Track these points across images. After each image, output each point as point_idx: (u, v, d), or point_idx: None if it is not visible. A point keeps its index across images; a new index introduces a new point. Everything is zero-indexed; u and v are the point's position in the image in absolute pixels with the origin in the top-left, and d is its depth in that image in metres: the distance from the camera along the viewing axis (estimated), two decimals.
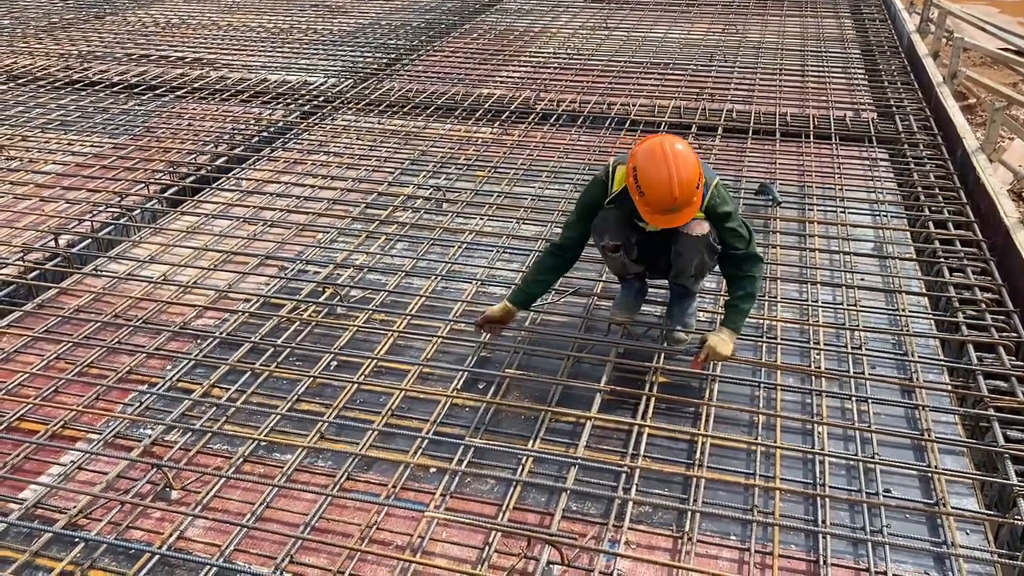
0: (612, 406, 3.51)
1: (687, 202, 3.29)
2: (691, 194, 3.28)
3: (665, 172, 3.23)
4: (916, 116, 6.70)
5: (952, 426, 3.46)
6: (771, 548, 2.84)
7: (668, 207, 3.29)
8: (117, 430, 3.37)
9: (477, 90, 7.42)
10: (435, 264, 4.61)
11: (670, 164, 3.23)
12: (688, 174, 3.24)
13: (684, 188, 3.24)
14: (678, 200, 3.26)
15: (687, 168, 3.24)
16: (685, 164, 3.24)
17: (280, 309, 4.17)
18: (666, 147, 3.28)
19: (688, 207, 3.31)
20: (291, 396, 3.54)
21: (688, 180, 3.24)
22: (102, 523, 2.92)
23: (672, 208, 3.29)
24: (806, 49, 8.85)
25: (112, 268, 4.65)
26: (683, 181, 3.23)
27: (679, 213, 3.32)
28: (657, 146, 3.30)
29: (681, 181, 3.23)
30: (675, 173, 3.22)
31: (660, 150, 3.27)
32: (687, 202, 3.29)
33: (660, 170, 3.24)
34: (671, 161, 3.23)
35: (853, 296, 4.30)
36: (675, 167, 3.22)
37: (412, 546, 2.84)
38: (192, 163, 5.94)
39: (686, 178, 3.24)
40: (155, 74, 7.91)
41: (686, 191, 3.25)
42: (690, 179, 3.25)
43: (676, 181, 3.22)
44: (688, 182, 3.24)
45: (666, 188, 3.23)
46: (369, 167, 5.86)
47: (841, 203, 5.30)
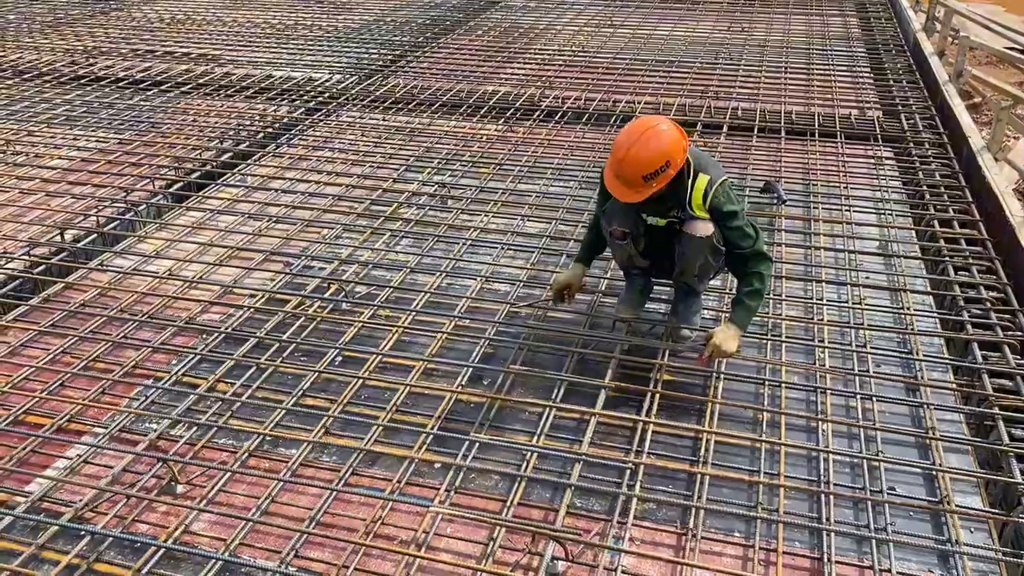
0: (617, 403, 3.51)
1: (631, 177, 3.31)
2: (633, 174, 3.29)
3: (630, 139, 3.30)
4: (922, 115, 6.69)
5: (957, 424, 3.46)
6: (775, 545, 2.84)
7: (615, 170, 3.35)
8: (123, 424, 3.38)
9: (482, 87, 7.42)
10: (440, 261, 4.61)
11: (641, 136, 3.28)
12: (645, 154, 3.26)
13: (632, 161, 3.27)
14: (621, 171, 3.32)
15: (649, 150, 3.26)
16: (652, 145, 3.27)
17: (285, 305, 4.18)
18: (653, 124, 3.33)
19: (634, 186, 3.32)
20: (296, 391, 3.55)
21: (638, 161, 3.27)
22: (108, 517, 2.93)
23: (617, 175, 3.35)
24: (811, 47, 8.83)
25: (118, 263, 4.66)
26: (636, 155, 3.27)
27: (625, 187, 3.35)
28: (651, 120, 3.37)
29: (635, 154, 3.27)
30: (636, 145, 3.27)
31: (647, 123, 3.35)
32: (631, 177, 3.31)
33: (629, 135, 3.32)
34: (644, 135, 3.28)
35: (858, 294, 4.29)
36: (642, 140, 3.27)
37: (417, 541, 2.84)
38: (197, 159, 5.95)
39: (641, 155, 3.26)
40: (160, 70, 7.91)
41: (633, 165, 3.28)
42: (642, 161, 3.27)
43: (628, 155, 3.28)
44: (637, 162, 3.27)
45: (620, 150, 3.31)
46: (374, 163, 5.87)
47: (846, 201, 5.30)
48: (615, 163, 3.35)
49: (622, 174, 3.33)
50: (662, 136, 3.29)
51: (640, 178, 3.29)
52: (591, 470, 3.17)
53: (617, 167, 3.34)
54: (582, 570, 2.76)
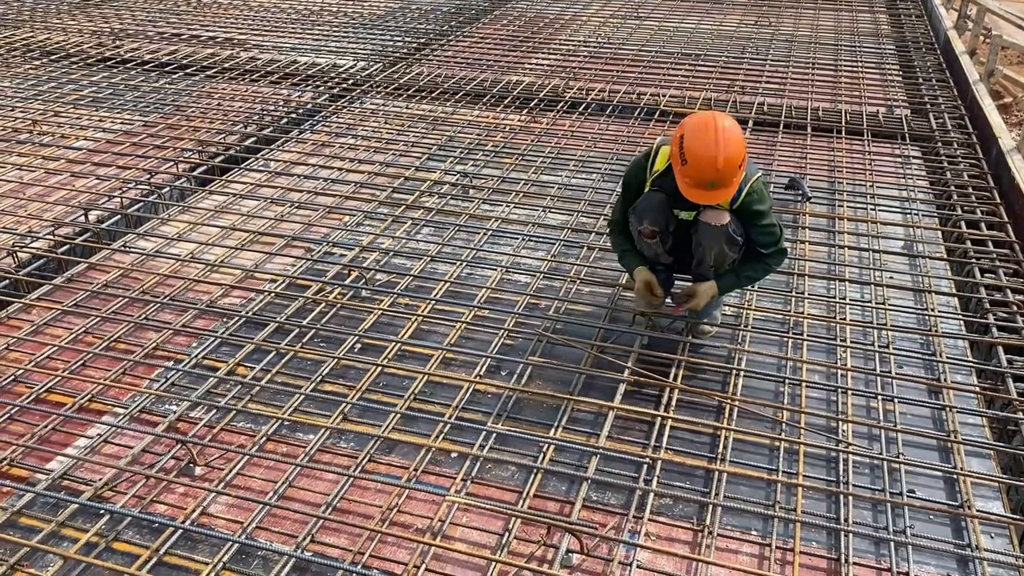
0: (635, 397, 3.50)
1: (727, 179, 3.27)
2: (733, 172, 3.26)
3: (712, 144, 3.20)
4: (951, 114, 6.60)
5: (979, 428, 3.42)
6: (792, 544, 2.82)
7: (709, 179, 3.25)
8: (143, 405, 3.41)
9: (506, 77, 7.40)
10: (460, 250, 4.61)
11: (719, 137, 3.21)
12: (734, 151, 3.22)
13: (728, 164, 3.22)
14: (720, 173, 3.23)
15: (734, 145, 3.23)
16: (732, 141, 3.23)
17: (306, 290, 4.19)
18: (717, 121, 3.26)
19: (727, 186, 3.29)
20: (315, 377, 3.56)
21: (733, 157, 3.22)
22: (127, 496, 2.96)
23: (712, 183, 3.26)
24: (840, 43, 8.73)
25: (140, 245, 4.69)
26: (728, 157, 3.21)
27: (718, 190, 3.29)
28: (708, 118, 3.29)
29: (727, 156, 3.20)
30: (722, 147, 3.20)
31: (711, 123, 3.26)
32: (727, 179, 3.27)
33: (708, 142, 3.22)
34: (720, 135, 3.21)
35: (882, 294, 4.25)
36: (723, 141, 3.20)
37: (432, 529, 2.85)
38: (221, 143, 5.97)
39: (732, 154, 3.22)
40: (186, 53, 7.95)
41: (729, 167, 3.23)
42: (735, 156, 3.23)
43: (722, 155, 3.20)
44: (732, 159, 3.22)
45: (711, 160, 3.20)
46: (396, 151, 5.86)
47: (872, 200, 5.24)
48: (710, 172, 3.22)
49: (724, 172, 3.23)
50: (725, 125, 3.25)
51: (736, 169, 3.26)
52: (608, 464, 3.16)
53: (715, 172, 3.22)
54: (597, 563, 2.75)
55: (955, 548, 2.85)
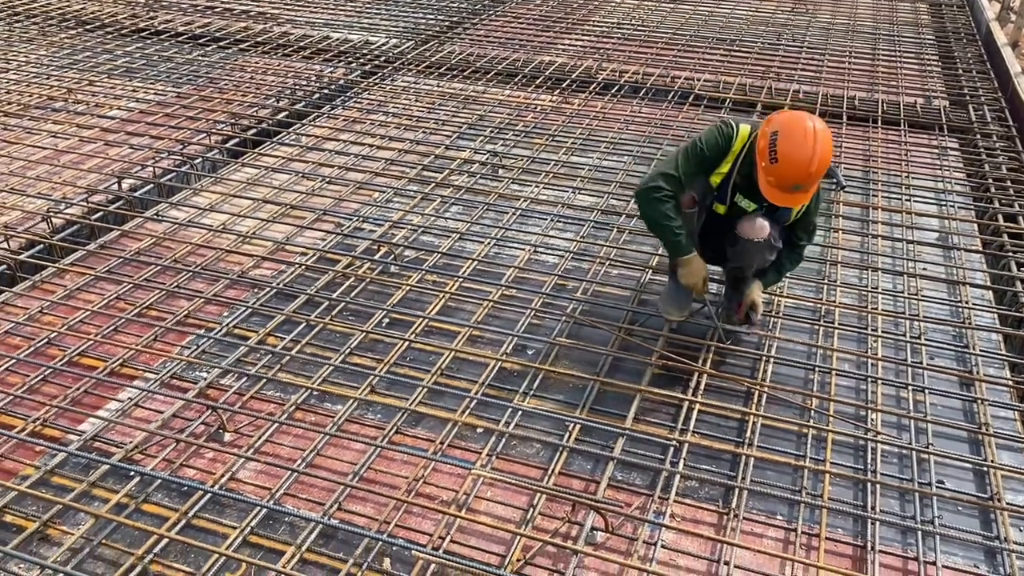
0: (662, 380, 3.48)
1: (813, 184, 3.16)
2: (818, 179, 3.15)
3: (809, 148, 3.06)
4: (990, 106, 6.48)
5: (1011, 422, 3.38)
6: (818, 530, 2.81)
7: (797, 183, 3.12)
8: (173, 371, 3.44)
9: (538, 57, 7.36)
10: (489, 229, 4.60)
11: (816, 142, 3.07)
12: (827, 159, 3.12)
13: (820, 169, 3.10)
14: (811, 178, 3.10)
15: (827, 151, 3.11)
16: (827, 146, 3.10)
17: (336, 264, 4.20)
18: (814, 124, 3.11)
19: (809, 190, 3.19)
20: (344, 349, 3.58)
21: (826, 163, 3.12)
22: (157, 459, 2.99)
23: (798, 186, 3.13)
24: (878, 32, 8.60)
25: (173, 214, 4.72)
26: (822, 163, 3.09)
27: (799, 193, 3.17)
28: (804, 119, 3.13)
29: (821, 162, 3.08)
30: (818, 152, 3.07)
31: (808, 125, 3.10)
32: (813, 184, 3.16)
33: (804, 145, 3.06)
34: (817, 139, 3.07)
35: (915, 285, 4.20)
36: (820, 149, 3.07)
37: (457, 502, 2.86)
38: (253, 116, 5.99)
39: (825, 161, 3.10)
40: (219, 26, 7.97)
41: (820, 173, 3.12)
42: (826, 164, 3.13)
43: (817, 160, 3.07)
44: (824, 166, 3.12)
45: (806, 164, 3.06)
46: (427, 129, 5.86)
47: (907, 191, 5.17)
48: (801, 176, 3.09)
49: (815, 177, 3.12)
50: (820, 130, 3.11)
51: (820, 178, 3.16)
52: (634, 445, 3.15)
53: (807, 176, 3.09)
54: (621, 542, 2.75)
55: (983, 540, 2.82)
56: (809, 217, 3.46)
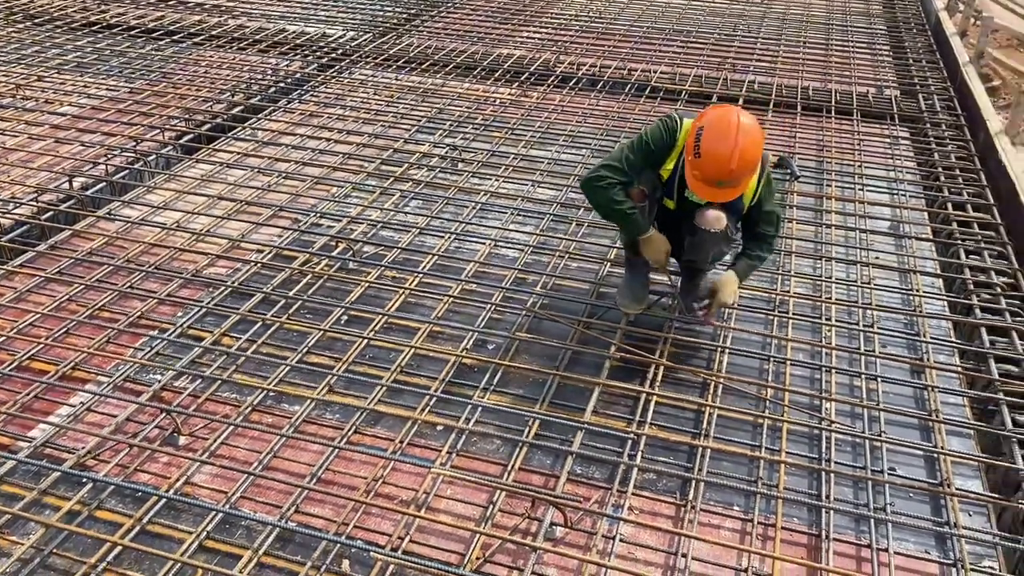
0: (620, 373, 3.51)
1: (738, 181, 3.17)
2: (744, 175, 3.17)
3: (730, 145, 3.07)
4: (940, 96, 6.60)
5: (960, 408, 3.46)
6: (774, 520, 2.85)
7: (719, 179, 3.14)
8: (127, 374, 3.39)
9: (497, 50, 7.33)
10: (448, 223, 4.59)
11: (738, 139, 3.08)
12: (750, 155, 3.12)
13: (741, 166, 3.11)
14: (732, 175, 3.12)
15: (751, 148, 3.12)
16: (750, 143, 3.11)
17: (292, 261, 4.16)
18: (739, 119, 3.13)
19: (736, 187, 3.21)
20: (301, 348, 3.55)
21: (748, 161, 3.12)
22: (110, 465, 2.95)
23: (721, 182, 3.16)
24: (831, 23, 8.70)
25: (125, 213, 4.64)
26: (743, 160, 3.10)
27: (726, 189, 3.20)
28: (731, 115, 3.15)
29: (741, 160, 3.09)
30: (739, 149, 3.08)
31: (733, 121, 3.12)
32: (738, 181, 3.17)
33: (725, 140, 3.08)
34: (739, 135, 3.08)
35: (867, 274, 4.27)
36: (742, 145, 3.08)
37: (417, 501, 2.86)
38: (208, 111, 5.91)
39: (747, 158, 3.11)
40: (173, 19, 7.83)
41: (742, 170, 3.13)
42: (750, 161, 3.14)
43: (737, 158, 3.08)
44: (747, 163, 3.12)
45: (725, 160, 3.08)
46: (385, 123, 5.82)
47: (859, 180, 5.25)
48: (722, 172, 3.11)
49: (736, 174, 3.13)
50: (753, 130, 3.14)
51: (749, 172, 3.18)
52: (593, 439, 3.17)
53: (727, 172, 3.11)
54: (580, 536, 2.77)
55: (934, 526, 2.88)
56: (765, 208, 3.46)
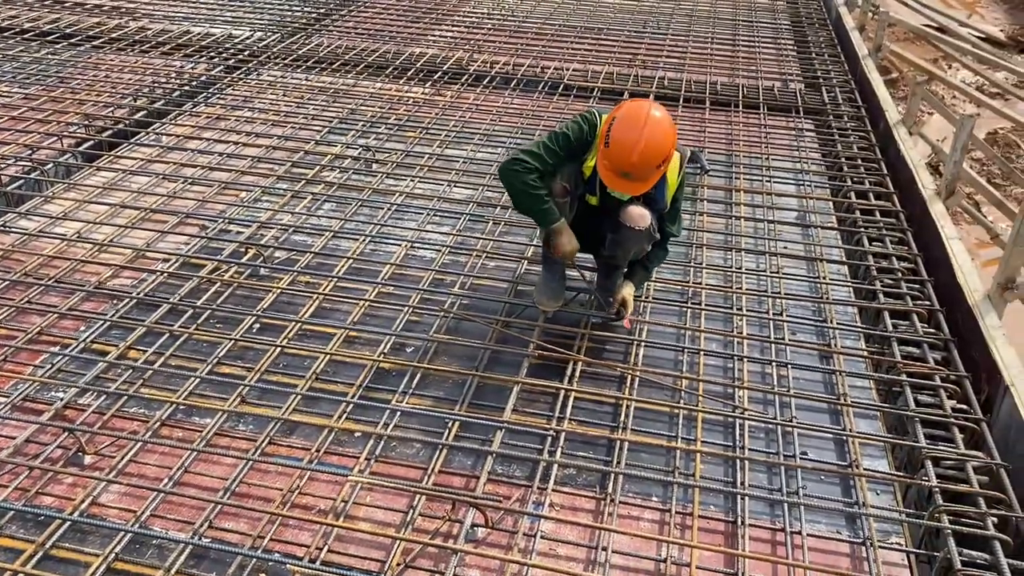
0: (540, 370, 3.52)
1: (642, 174, 3.23)
2: (649, 168, 3.22)
3: (636, 135, 3.15)
4: (842, 88, 6.82)
5: (867, 391, 3.58)
6: (691, 509, 2.90)
7: (624, 170, 3.22)
8: (26, 393, 3.24)
9: (409, 49, 7.27)
10: (363, 226, 4.53)
11: (644, 131, 3.16)
12: (655, 148, 3.18)
13: (643, 159, 3.17)
14: (634, 167, 3.19)
15: (657, 142, 3.18)
16: (657, 137, 3.18)
17: (200, 270, 4.05)
18: (650, 114, 3.21)
19: (643, 180, 3.26)
20: (211, 359, 3.45)
21: (651, 155, 3.18)
22: (9, 489, 2.82)
23: (626, 174, 3.22)
24: (738, 19, 8.91)
25: (22, 224, 4.44)
26: (646, 153, 3.16)
27: (633, 182, 3.26)
28: (643, 109, 3.23)
29: (645, 152, 3.16)
30: (644, 141, 3.15)
31: (643, 113, 3.21)
32: (642, 174, 3.23)
33: (632, 131, 3.16)
34: (646, 129, 3.16)
35: (776, 263, 4.38)
36: (647, 136, 3.15)
37: (335, 510, 2.81)
38: (109, 117, 5.69)
39: (651, 151, 3.17)
40: (70, 22, 7.53)
41: (645, 162, 3.18)
42: (654, 154, 3.19)
43: (640, 149, 3.15)
44: (650, 156, 3.18)
45: (629, 151, 3.16)
46: (296, 125, 5.71)
47: (767, 172, 5.38)
48: (625, 163, 3.18)
49: (637, 170, 3.19)
50: (656, 119, 3.19)
51: (654, 168, 3.23)
52: (513, 437, 3.17)
53: (629, 164, 3.17)
54: (502, 536, 2.77)
55: (844, 506, 2.98)
56: (676, 205, 3.55)
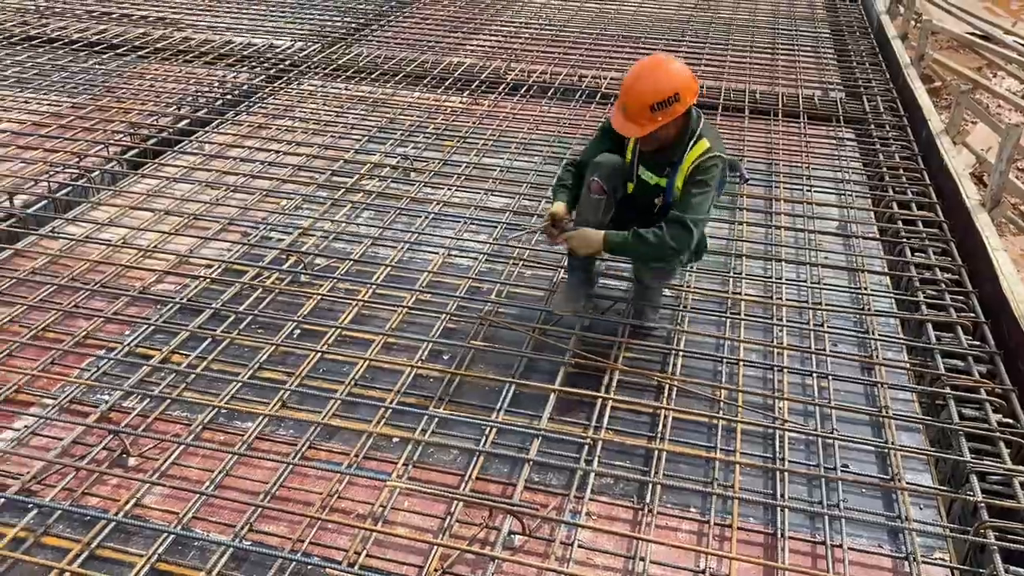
0: (576, 379, 3.51)
1: (634, 112, 3.24)
2: (641, 107, 3.21)
3: (639, 69, 3.26)
4: (883, 97, 6.74)
5: (909, 403, 3.52)
6: (730, 521, 2.87)
7: (621, 100, 3.28)
8: (73, 395, 3.31)
9: (447, 58, 7.33)
10: (401, 234, 4.56)
11: (647, 67, 3.25)
12: (651, 85, 3.20)
13: (638, 92, 3.21)
14: (626, 97, 3.24)
15: (655, 80, 3.21)
16: (658, 77, 3.21)
17: (243, 276, 4.11)
18: (662, 58, 3.31)
19: (635, 121, 3.26)
20: (253, 364, 3.50)
21: (646, 89, 3.20)
22: (56, 489, 2.87)
23: (623, 106, 3.27)
24: (777, 27, 8.85)
25: (70, 230, 4.54)
26: (641, 87, 3.21)
27: (627, 121, 3.28)
28: (660, 55, 3.35)
29: (640, 85, 3.21)
30: (643, 79, 3.22)
31: (658, 57, 3.31)
32: (634, 112, 3.24)
33: (638, 66, 3.28)
34: (650, 66, 3.25)
35: (817, 274, 4.34)
36: (648, 71, 3.22)
37: (374, 515, 2.83)
38: (154, 125, 5.81)
39: (646, 87, 3.20)
40: (116, 32, 7.69)
41: (637, 98, 3.21)
42: (649, 90, 3.20)
43: (634, 80, 3.23)
44: (645, 92, 3.20)
45: (628, 79, 3.27)
46: (336, 134, 5.78)
47: (807, 182, 5.33)
48: (622, 94, 3.27)
49: (629, 104, 3.22)
50: (672, 69, 3.24)
51: (647, 108, 3.21)
52: (550, 445, 3.17)
53: (624, 97, 3.24)
54: (539, 544, 2.76)
55: (886, 520, 2.93)
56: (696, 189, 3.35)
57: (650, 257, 3.53)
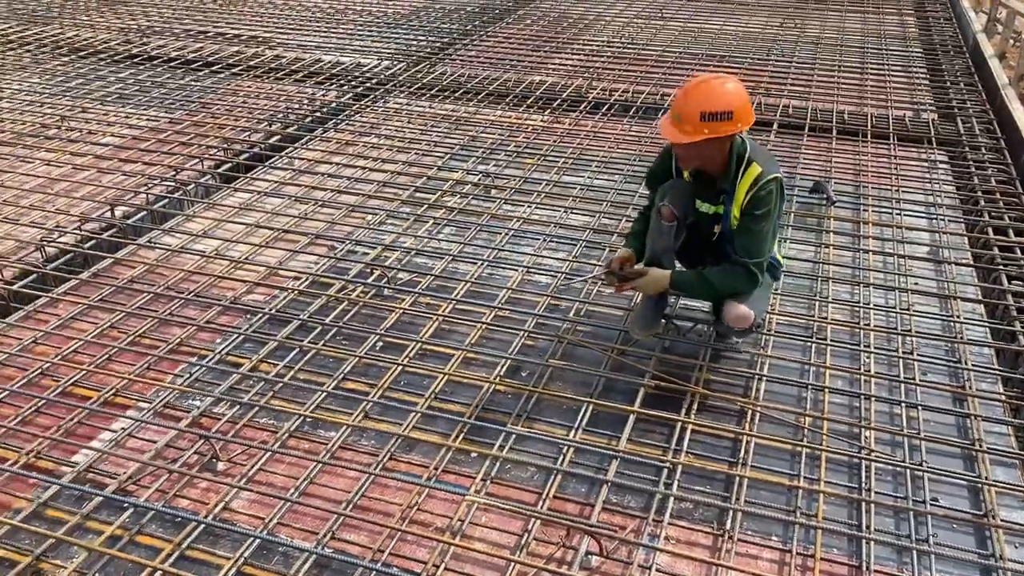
0: (656, 400, 3.48)
1: (685, 122, 3.21)
2: (692, 116, 3.18)
3: (700, 79, 3.29)
4: (979, 118, 6.52)
5: (1005, 437, 3.38)
6: (813, 551, 2.80)
7: (674, 110, 3.27)
8: (167, 400, 3.44)
9: (529, 77, 7.39)
10: (482, 250, 4.61)
11: (709, 81, 3.26)
12: (705, 96, 3.20)
13: (692, 101, 3.20)
14: (680, 108, 3.23)
15: (709, 94, 3.20)
16: (713, 91, 3.21)
17: (329, 288, 4.21)
18: (719, 76, 3.31)
19: (683, 132, 3.22)
20: (337, 374, 3.58)
21: (700, 99, 3.19)
22: (150, 490, 2.99)
23: (674, 114, 3.26)
24: (866, 46, 8.66)
25: (166, 241, 4.73)
26: (696, 97, 3.20)
27: (675, 125, 3.25)
28: (718, 75, 3.34)
29: (695, 95, 3.21)
30: (702, 87, 3.23)
31: (714, 75, 3.31)
32: (685, 122, 3.21)
33: (701, 77, 3.31)
34: (705, 82, 3.25)
35: (906, 300, 4.21)
36: (708, 86, 3.23)
37: (452, 528, 2.85)
38: (246, 140, 6.01)
39: (700, 98, 3.20)
40: (212, 51, 8.01)
41: (689, 107, 3.19)
42: (703, 101, 3.19)
43: (691, 90, 3.24)
44: (699, 101, 3.19)
45: (686, 86, 3.29)
46: (419, 151, 5.88)
47: (897, 205, 5.19)
48: (677, 97, 3.28)
49: (681, 110, 3.22)
50: (733, 88, 3.24)
51: (697, 116, 3.18)
52: (628, 467, 3.15)
53: (676, 103, 3.25)
54: (616, 566, 2.75)
55: (979, 558, 2.82)
56: (754, 224, 3.31)
57: (717, 296, 3.56)
